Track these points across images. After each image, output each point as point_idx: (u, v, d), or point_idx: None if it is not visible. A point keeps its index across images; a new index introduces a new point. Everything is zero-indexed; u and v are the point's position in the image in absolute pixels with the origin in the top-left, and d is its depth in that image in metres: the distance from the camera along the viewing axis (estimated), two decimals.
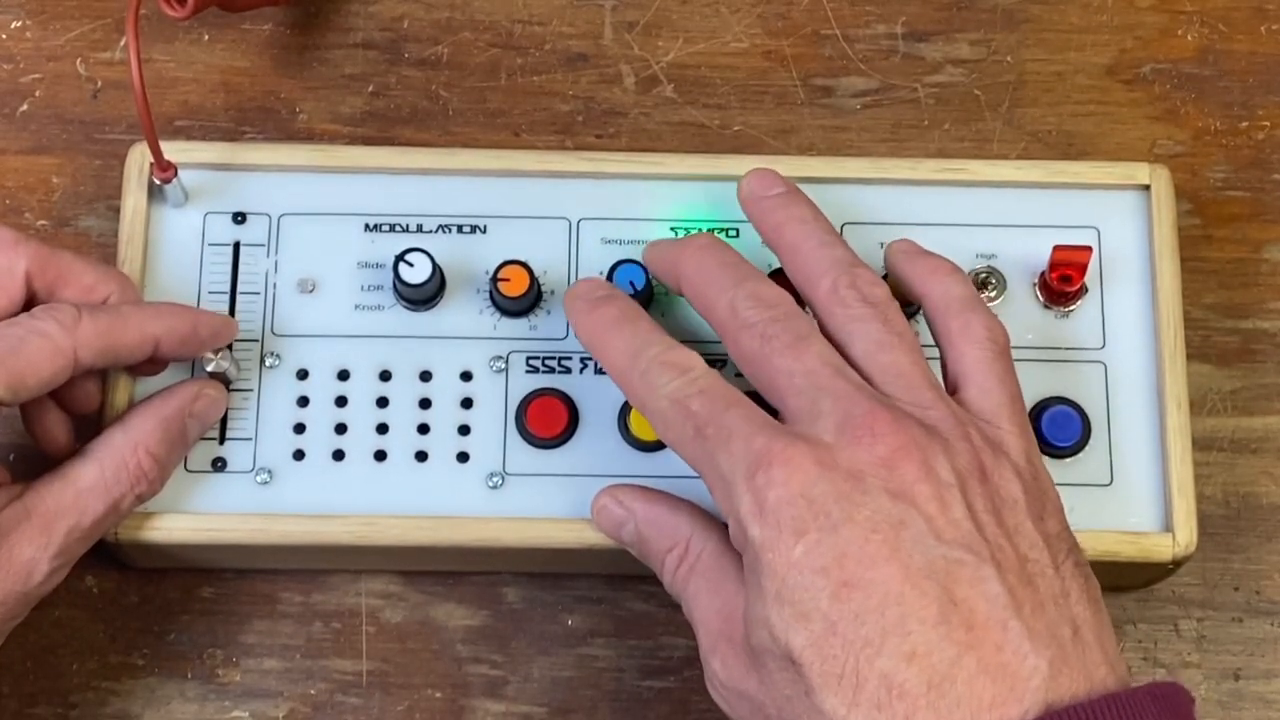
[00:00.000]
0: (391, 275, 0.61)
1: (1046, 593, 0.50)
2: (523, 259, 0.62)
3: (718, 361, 0.60)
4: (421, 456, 0.61)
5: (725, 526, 0.54)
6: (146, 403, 0.59)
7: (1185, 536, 0.60)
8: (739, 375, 0.56)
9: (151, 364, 0.60)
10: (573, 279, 0.63)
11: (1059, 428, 0.61)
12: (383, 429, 0.61)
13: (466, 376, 0.62)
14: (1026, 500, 0.52)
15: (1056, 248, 0.62)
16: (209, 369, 0.60)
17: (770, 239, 0.59)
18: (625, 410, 0.61)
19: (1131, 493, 0.61)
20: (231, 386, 0.61)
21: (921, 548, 0.49)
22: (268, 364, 0.62)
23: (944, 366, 0.57)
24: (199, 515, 0.60)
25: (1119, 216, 0.64)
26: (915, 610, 0.49)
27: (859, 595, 0.49)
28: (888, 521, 0.50)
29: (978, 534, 0.50)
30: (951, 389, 0.56)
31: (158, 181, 0.62)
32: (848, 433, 0.51)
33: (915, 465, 0.51)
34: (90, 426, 0.59)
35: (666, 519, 0.57)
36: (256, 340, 0.62)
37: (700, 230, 0.63)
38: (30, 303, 0.58)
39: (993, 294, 0.63)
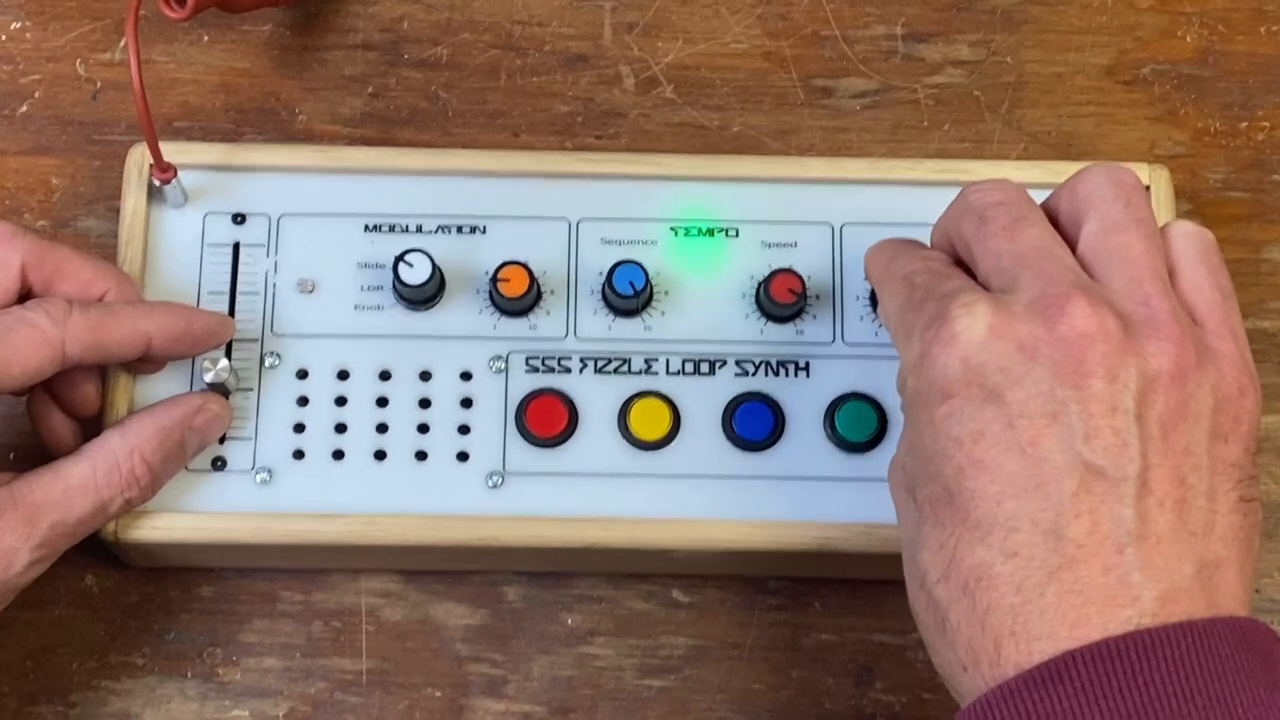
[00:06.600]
0: (391, 275, 0.62)
1: (1187, 523, 0.47)
2: (522, 259, 0.62)
3: (713, 363, 0.61)
4: (421, 456, 0.61)
5: None
6: (148, 410, 0.59)
7: None
8: None
9: (146, 363, 0.59)
10: (572, 279, 0.63)
11: None
12: (382, 428, 0.61)
13: (466, 376, 0.62)
14: (1213, 419, 0.48)
15: None
16: (207, 379, 0.60)
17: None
18: (625, 410, 0.61)
19: None
20: (230, 397, 0.61)
21: (1066, 447, 0.47)
22: (267, 364, 0.62)
23: None
24: (199, 514, 0.60)
25: None
26: (1031, 511, 0.46)
27: (983, 478, 0.47)
28: (1041, 410, 0.47)
29: (1136, 447, 0.47)
30: None
31: (157, 182, 0.62)
32: (1038, 307, 0.48)
33: (1098, 358, 0.47)
34: (95, 431, 0.59)
35: None
36: (256, 340, 0.62)
37: (699, 229, 0.63)
38: (26, 297, 0.58)
39: None
